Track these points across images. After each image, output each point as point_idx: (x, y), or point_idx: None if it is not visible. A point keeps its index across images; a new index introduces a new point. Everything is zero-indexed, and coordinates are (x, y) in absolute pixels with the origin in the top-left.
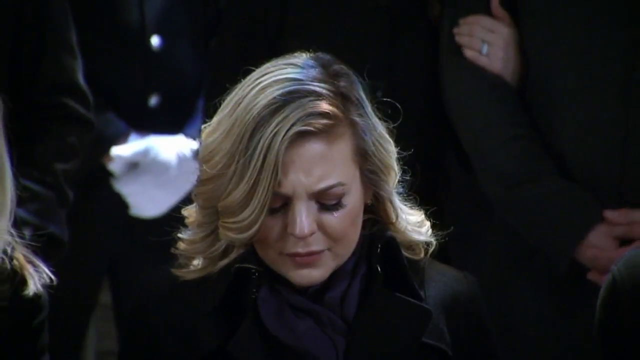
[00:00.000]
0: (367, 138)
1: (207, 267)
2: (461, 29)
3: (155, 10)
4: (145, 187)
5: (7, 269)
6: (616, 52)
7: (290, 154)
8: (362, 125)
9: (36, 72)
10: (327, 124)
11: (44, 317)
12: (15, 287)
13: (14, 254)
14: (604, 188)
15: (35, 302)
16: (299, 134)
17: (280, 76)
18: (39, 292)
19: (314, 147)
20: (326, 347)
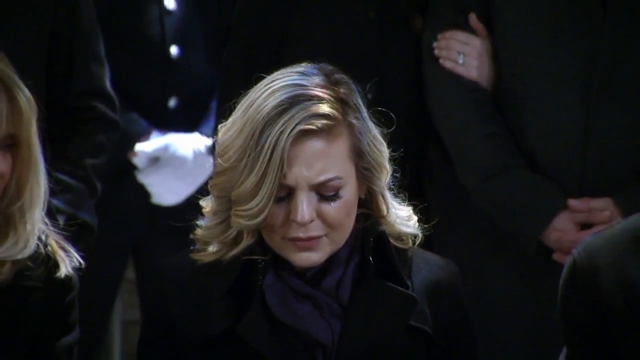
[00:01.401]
0: (363, 139)
1: (220, 251)
2: (440, 43)
3: (173, 24)
4: (165, 178)
5: (42, 254)
6: (577, 60)
7: (295, 150)
8: (358, 127)
9: (69, 79)
10: (327, 124)
11: (74, 296)
12: (49, 270)
13: (48, 240)
14: (567, 179)
15: (66, 282)
16: (302, 132)
17: (287, 82)
18: (69, 274)
19: (316, 144)
20: (323, 329)
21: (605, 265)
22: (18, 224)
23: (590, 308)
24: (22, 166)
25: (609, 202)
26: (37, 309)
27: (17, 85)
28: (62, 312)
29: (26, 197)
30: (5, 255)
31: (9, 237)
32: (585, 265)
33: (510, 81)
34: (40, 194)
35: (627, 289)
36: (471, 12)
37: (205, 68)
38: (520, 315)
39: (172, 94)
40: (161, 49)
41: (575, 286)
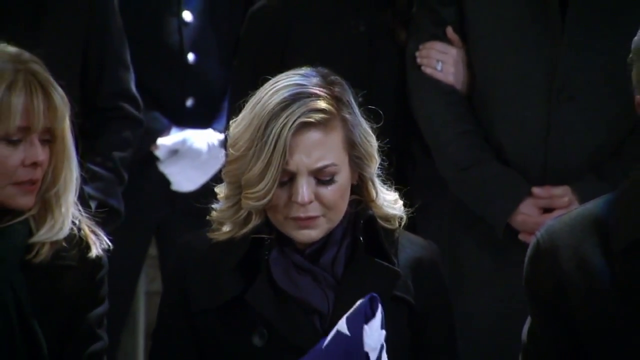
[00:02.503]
0: (355, 131)
1: (232, 230)
2: (421, 53)
3: (190, 34)
4: (183, 168)
5: (76, 237)
6: (539, 67)
7: (296, 140)
8: (351, 121)
9: (99, 82)
10: (324, 117)
11: (104, 274)
12: (82, 251)
13: (81, 225)
14: (531, 170)
15: (97, 262)
16: (302, 124)
17: (289, 82)
18: (100, 255)
19: (314, 135)
20: (321, 298)
21: (564, 245)
22: (54, 208)
23: (551, 282)
24: (57, 157)
25: (568, 189)
26: (72, 285)
27: (52, 85)
28: (93, 288)
29: (60, 184)
30: (45, 237)
31: (47, 220)
32: (547, 245)
33: (482, 85)
34: (73, 181)
35: (583, 265)
36: (448, 26)
37: (218, 72)
38: (490, 287)
39: (189, 95)
40: (179, 56)
41: (538, 263)
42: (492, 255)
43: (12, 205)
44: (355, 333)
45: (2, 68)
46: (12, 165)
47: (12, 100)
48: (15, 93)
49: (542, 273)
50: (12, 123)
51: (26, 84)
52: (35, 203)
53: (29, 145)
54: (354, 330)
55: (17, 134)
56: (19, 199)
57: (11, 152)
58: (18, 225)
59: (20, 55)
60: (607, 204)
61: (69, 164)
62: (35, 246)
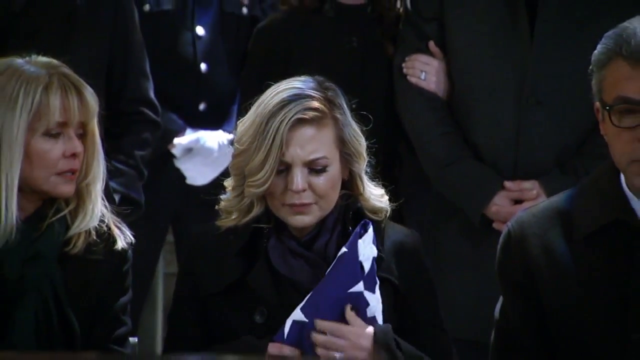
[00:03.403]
0: (345, 130)
1: (237, 218)
2: (407, 64)
3: (203, 46)
4: (196, 165)
5: (105, 232)
6: (510, 76)
7: (292, 135)
8: (342, 121)
9: (123, 90)
10: (317, 115)
11: (129, 267)
12: (109, 245)
13: (107, 221)
14: (503, 166)
15: (123, 256)
16: (297, 120)
17: (289, 86)
18: (125, 249)
19: (308, 130)
20: (313, 280)
21: (532, 234)
22: (86, 198)
23: (520, 266)
24: (88, 151)
25: (536, 184)
26: (101, 278)
27: (83, 84)
28: (119, 280)
29: (90, 175)
30: (80, 228)
31: (79, 212)
32: (517, 234)
33: (460, 92)
34: (101, 173)
35: (548, 252)
36: (430, 40)
37: (227, 80)
38: (468, 270)
39: (202, 100)
40: (193, 65)
41: (509, 250)
42: (470, 241)
43: (56, 193)
44: (351, 247)
45: (37, 73)
46: (54, 157)
47: (50, 99)
48: (52, 93)
49: (513, 258)
50: (51, 119)
51: (60, 84)
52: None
53: (67, 139)
54: (350, 246)
55: (56, 128)
56: (62, 187)
57: (52, 146)
58: (57, 224)
59: (51, 61)
60: (570, 198)
61: (97, 157)
62: (72, 239)
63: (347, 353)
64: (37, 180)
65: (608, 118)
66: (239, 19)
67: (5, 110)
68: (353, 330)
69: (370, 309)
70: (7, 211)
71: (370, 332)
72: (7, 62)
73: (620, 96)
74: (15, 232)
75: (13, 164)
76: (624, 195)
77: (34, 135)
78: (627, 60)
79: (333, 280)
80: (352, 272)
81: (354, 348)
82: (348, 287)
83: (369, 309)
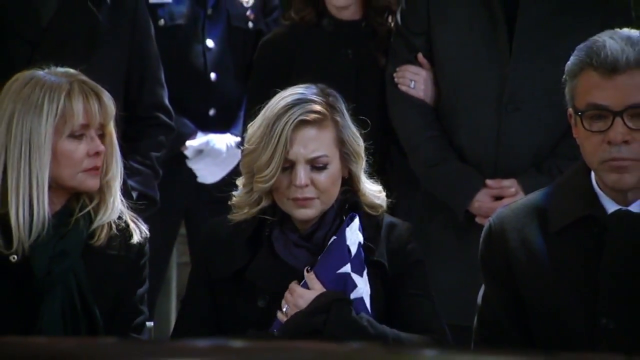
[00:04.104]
0: (344, 132)
1: (247, 212)
2: (397, 74)
3: (213, 57)
4: (206, 165)
5: (123, 227)
6: (491, 85)
7: (295, 135)
8: (341, 123)
9: (140, 97)
10: (318, 117)
11: (146, 260)
12: (127, 239)
13: (125, 217)
14: (485, 166)
15: (140, 250)
16: (300, 122)
17: (293, 92)
18: (142, 243)
19: (310, 131)
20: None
21: (511, 228)
22: (106, 193)
23: (500, 258)
24: (107, 150)
25: (514, 182)
26: (120, 271)
27: (100, 89)
28: (137, 273)
29: (110, 172)
30: (102, 221)
31: (101, 206)
32: (497, 228)
33: (446, 99)
34: (119, 170)
35: (526, 244)
36: (419, 52)
37: (234, 88)
38: (453, 260)
39: (211, 106)
40: (204, 75)
41: (490, 242)
42: (455, 234)
43: (83, 188)
44: (340, 234)
45: (58, 81)
46: (79, 156)
47: (73, 104)
48: (74, 98)
49: (493, 250)
50: (75, 122)
51: (81, 90)
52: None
53: (90, 140)
54: (339, 234)
55: (80, 130)
56: (88, 182)
57: (77, 146)
58: (82, 220)
59: (69, 70)
60: (546, 195)
61: (115, 155)
62: (96, 232)
63: (289, 308)
64: (65, 178)
65: (580, 123)
66: (245, 32)
67: (32, 117)
68: (298, 291)
69: (357, 290)
70: (39, 207)
71: (311, 296)
72: (29, 74)
73: (590, 103)
74: (47, 226)
75: (42, 164)
76: (594, 193)
77: (60, 138)
78: (597, 70)
79: (324, 263)
80: (341, 255)
81: (293, 305)
82: (337, 269)
83: (355, 291)
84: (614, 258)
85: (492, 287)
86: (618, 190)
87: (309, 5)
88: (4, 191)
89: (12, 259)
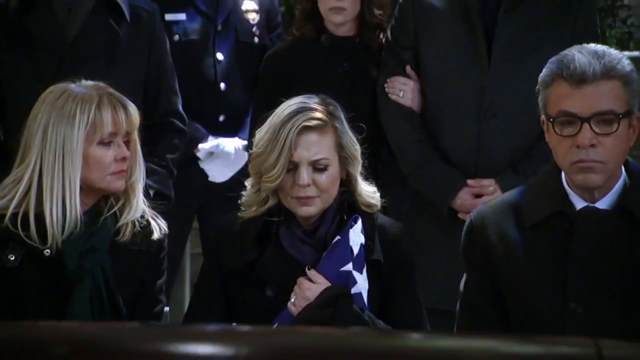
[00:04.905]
0: (343, 137)
1: (256, 210)
2: (388, 84)
3: (222, 69)
4: (217, 166)
5: (145, 225)
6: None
7: (299, 139)
8: (340, 129)
9: (156, 105)
10: (319, 124)
11: (164, 254)
12: (148, 236)
13: (146, 215)
14: (466, 168)
15: (160, 245)
16: (304, 127)
17: (297, 101)
18: (162, 239)
19: (312, 136)
20: (316, 262)
21: (490, 222)
22: (131, 193)
23: (480, 249)
24: (132, 155)
25: (493, 181)
26: (142, 265)
27: (127, 100)
28: (157, 266)
29: (134, 175)
30: (127, 219)
31: (126, 205)
32: (477, 223)
33: (431, 107)
34: (142, 173)
35: (503, 237)
36: (407, 65)
37: (242, 97)
38: (438, 252)
39: (221, 112)
40: (215, 85)
41: (471, 236)
42: (440, 228)
43: (111, 189)
44: (344, 235)
45: (89, 94)
46: (108, 161)
47: (102, 115)
48: (104, 109)
49: (474, 242)
50: (105, 131)
51: (109, 102)
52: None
53: (117, 146)
54: (342, 234)
55: (108, 138)
56: (115, 184)
57: (106, 152)
58: (109, 219)
59: (98, 83)
60: (521, 193)
61: (139, 160)
62: (121, 229)
63: (297, 300)
64: (94, 181)
65: (552, 128)
66: (252, 46)
67: (65, 126)
68: (306, 284)
69: (357, 286)
70: (71, 207)
71: (318, 289)
72: (62, 86)
73: (561, 110)
74: (80, 224)
75: (74, 169)
76: (565, 191)
77: (90, 145)
78: (567, 81)
79: (328, 260)
80: (344, 255)
81: (300, 298)
82: (340, 266)
83: (355, 287)
84: (582, 250)
85: (473, 276)
86: (586, 188)
87: (308, 22)
88: (40, 192)
89: (46, 253)
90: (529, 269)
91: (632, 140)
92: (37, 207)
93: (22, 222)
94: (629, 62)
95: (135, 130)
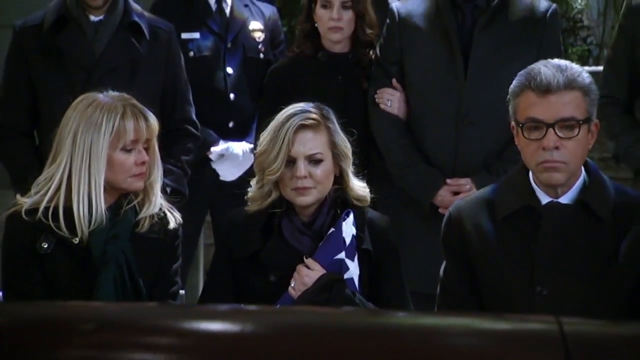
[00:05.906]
0: (335, 136)
1: (260, 204)
2: (377, 95)
3: (232, 81)
4: (227, 166)
5: (162, 216)
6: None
7: (296, 136)
8: (333, 129)
9: (173, 113)
10: (314, 123)
11: (179, 241)
12: (164, 225)
13: (163, 207)
14: (446, 169)
15: (175, 233)
16: (300, 125)
17: (295, 107)
18: (177, 228)
19: (308, 134)
20: (313, 251)
21: (466, 216)
22: (150, 192)
23: (458, 239)
24: (151, 159)
25: (469, 180)
26: (160, 251)
27: (147, 111)
28: (173, 252)
29: (152, 176)
30: (146, 213)
31: (145, 202)
32: (455, 216)
33: (415, 115)
34: (160, 174)
35: (477, 229)
36: (393, 78)
37: (249, 106)
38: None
39: (231, 120)
40: (225, 95)
41: (450, 227)
42: (422, 222)
43: (131, 189)
44: (337, 227)
45: (115, 104)
46: (129, 165)
47: (125, 124)
48: (127, 119)
49: (452, 233)
50: (127, 138)
51: (132, 112)
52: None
53: (138, 152)
54: (336, 226)
55: (130, 145)
56: (135, 185)
57: (128, 157)
58: (130, 211)
59: (123, 95)
60: (494, 190)
61: (157, 163)
62: (140, 222)
63: (297, 285)
64: (117, 182)
65: (520, 133)
66: (258, 61)
67: (92, 132)
68: (304, 271)
69: (349, 272)
70: (96, 204)
71: (315, 276)
72: (92, 96)
73: (529, 117)
74: (105, 219)
75: (99, 171)
76: (532, 188)
77: (114, 151)
78: (534, 91)
79: (324, 250)
80: (337, 244)
81: (300, 283)
82: (334, 255)
83: (348, 273)
84: (547, 239)
85: (451, 263)
86: (550, 186)
87: (307, 41)
88: (69, 190)
89: (75, 241)
90: (500, 256)
91: (590, 144)
92: (66, 203)
93: (52, 215)
94: (588, 75)
95: (154, 138)
